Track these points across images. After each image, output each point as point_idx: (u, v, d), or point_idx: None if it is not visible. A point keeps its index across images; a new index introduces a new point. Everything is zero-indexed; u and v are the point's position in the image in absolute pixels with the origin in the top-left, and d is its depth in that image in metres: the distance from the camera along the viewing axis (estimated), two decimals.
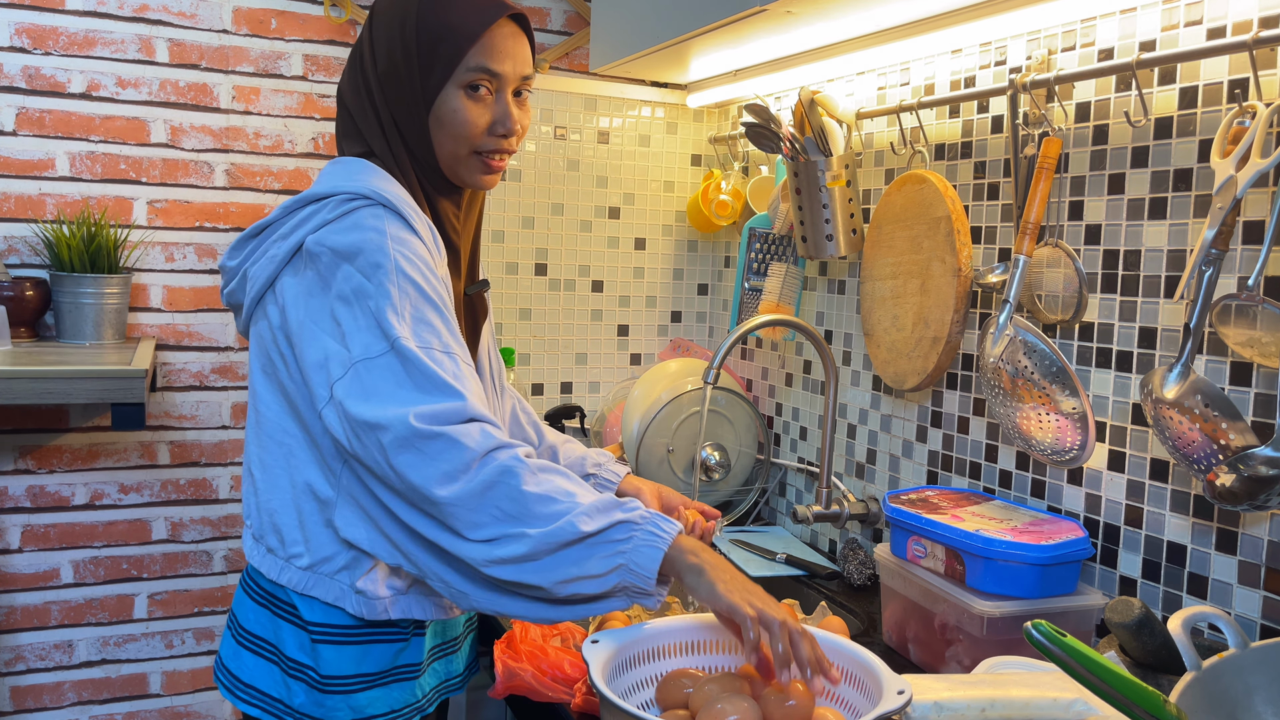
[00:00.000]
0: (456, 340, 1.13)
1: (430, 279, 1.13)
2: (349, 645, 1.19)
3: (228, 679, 1.25)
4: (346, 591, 1.17)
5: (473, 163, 1.22)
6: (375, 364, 1.07)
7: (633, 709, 0.89)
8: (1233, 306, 1.15)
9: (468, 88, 1.19)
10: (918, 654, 1.42)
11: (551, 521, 1.02)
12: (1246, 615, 1.21)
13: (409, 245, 1.13)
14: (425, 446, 1.03)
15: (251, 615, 1.24)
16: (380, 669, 1.21)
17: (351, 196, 1.15)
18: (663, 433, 2.08)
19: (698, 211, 2.39)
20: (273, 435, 1.20)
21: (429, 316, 1.11)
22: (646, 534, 1.03)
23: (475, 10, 1.18)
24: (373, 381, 1.06)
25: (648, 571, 1.02)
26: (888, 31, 1.64)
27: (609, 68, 2.04)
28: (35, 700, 2.10)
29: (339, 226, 1.13)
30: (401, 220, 1.14)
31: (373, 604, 1.17)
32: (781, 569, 1.86)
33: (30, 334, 1.98)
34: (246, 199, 2.18)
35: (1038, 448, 1.43)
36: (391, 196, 1.15)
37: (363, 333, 1.08)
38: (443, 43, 1.17)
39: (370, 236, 1.11)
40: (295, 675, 1.20)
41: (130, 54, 2.06)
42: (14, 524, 2.06)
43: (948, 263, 1.58)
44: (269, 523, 1.20)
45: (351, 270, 1.10)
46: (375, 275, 1.09)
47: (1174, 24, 1.29)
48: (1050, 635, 0.89)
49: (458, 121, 1.19)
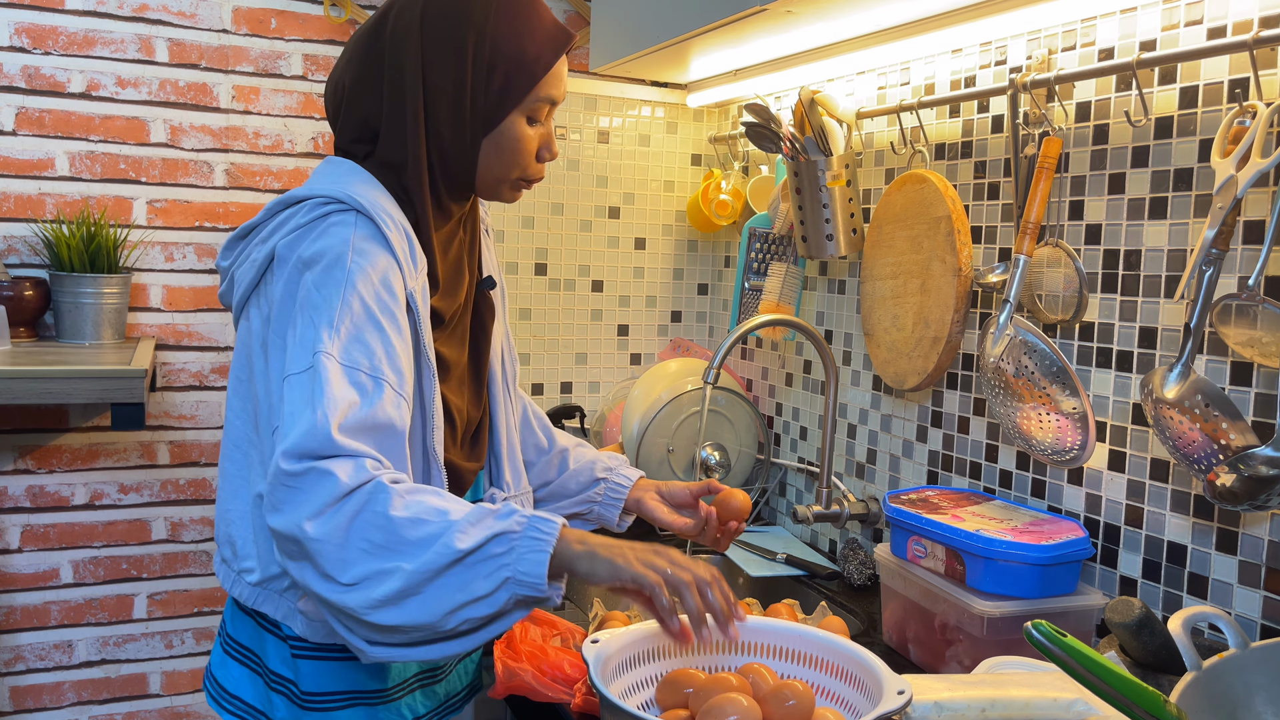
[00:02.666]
0: (394, 369, 1.06)
1: (384, 298, 1.07)
2: (325, 661, 1.16)
3: (215, 688, 1.24)
4: (292, 611, 1.14)
5: (517, 184, 1.22)
6: (296, 381, 1.02)
7: (633, 709, 0.89)
8: (1233, 306, 1.15)
9: (530, 116, 1.18)
10: (918, 654, 1.42)
11: (425, 547, 0.95)
12: (1246, 615, 1.21)
13: (370, 258, 1.07)
14: (297, 483, 0.96)
15: (240, 625, 1.22)
16: (356, 688, 1.18)
17: (326, 201, 1.11)
18: (663, 433, 2.08)
19: (698, 211, 2.39)
20: (235, 443, 1.17)
21: (367, 337, 1.05)
22: (528, 540, 0.97)
23: (549, 41, 1.17)
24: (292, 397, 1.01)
25: (536, 578, 0.96)
26: (888, 31, 1.64)
27: (609, 67, 2.04)
28: (35, 700, 2.10)
29: (308, 233, 1.09)
30: (373, 229, 1.10)
31: (315, 626, 1.13)
32: (781, 569, 1.86)
33: (30, 334, 1.98)
34: (246, 199, 2.18)
35: (1038, 448, 1.43)
36: (368, 203, 1.10)
37: (297, 346, 1.04)
38: (520, 72, 1.15)
39: (333, 245, 1.07)
40: (277, 689, 1.18)
41: (130, 54, 2.06)
42: (14, 524, 2.06)
43: (948, 262, 1.58)
44: (224, 532, 1.18)
45: (309, 278, 1.07)
46: (326, 287, 1.05)
47: (1174, 24, 1.28)
48: (1050, 635, 0.89)
49: (519, 149, 1.18)
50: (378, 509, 0.96)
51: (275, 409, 1.05)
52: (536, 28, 1.16)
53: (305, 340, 1.03)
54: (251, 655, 1.21)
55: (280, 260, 1.11)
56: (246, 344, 1.16)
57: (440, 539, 0.95)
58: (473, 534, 0.96)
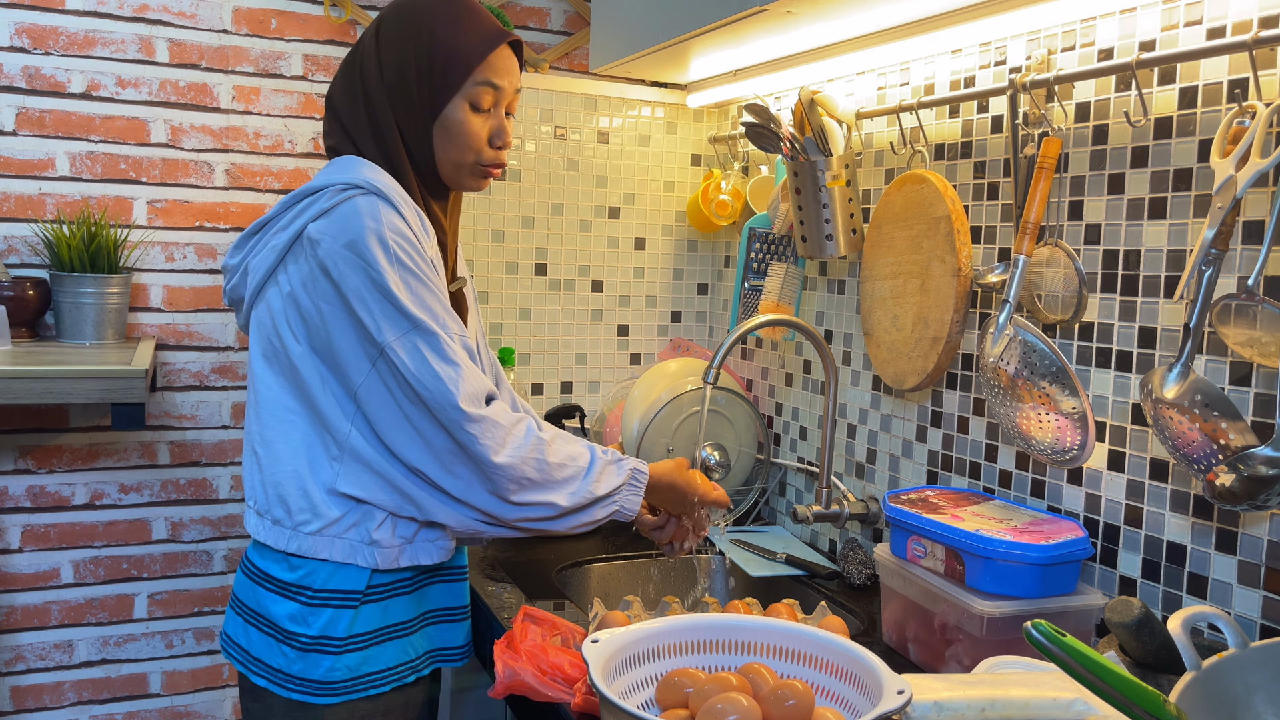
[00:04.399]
0: (452, 318, 1.27)
1: (423, 265, 1.25)
2: (342, 609, 1.29)
3: (238, 653, 1.35)
4: (358, 547, 1.28)
5: (474, 170, 1.35)
6: (403, 343, 1.21)
7: (633, 709, 0.89)
8: (1233, 306, 1.15)
9: (472, 102, 1.31)
10: (918, 654, 1.42)
11: (571, 487, 1.28)
12: (1246, 615, 1.21)
13: (402, 232, 1.23)
14: (474, 428, 1.21)
15: (249, 591, 1.34)
16: (371, 628, 1.31)
17: (346, 186, 1.24)
18: (663, 432, 2.08)
19: (698, 211, 2.39)
20: (274, 413, 1.30)
21: (427, 300, 1.24)
22: (631, 486, 1.34)
23: (483, 35, 1.32)
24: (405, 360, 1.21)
25: (631, 512, 1.34)
26: (888, 31, 1.64)
27: (609, 68, 2.05)
28: (35, 700, 2.10)
29: (336, 214, 1.23)
30: (393, 208, 1.24)
31: (386, 553, 1.29)
32: (781, 569, 1.86)
33: (30, 334, 1.98)
34: (246, 199, 2.18)
35: (1038, 448, 1.43)
36: (383, 185, 1.25)
37: (378, 317, 1.21)
38: (456, 60, 1.30)
39: (367, 223, 1.21)
40: (289, 643, 1.29)
41: (130, 54, 2.06)
42: (14, 524, 2.06)
43: (948, 263, 1.58)
44: (274, 495, 1.29)
45: (353, 256, 1.21)
46: (376, 262, 1.21)
47: (1174, 24, 1.29)
48: (1050, 635, 0.89)
49: (464, 132, 1.32)
50: (539, 454, 1.26)
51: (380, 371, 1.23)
52: (473, 27, 1.31)
53: (385, 310, 1.21)
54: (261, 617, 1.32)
55: (312, 242, 1.23)
56: (269, 322, 1.29)
57: (583, 481, 1.29)
58: (604, 482, 1.31)
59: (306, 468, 1.28)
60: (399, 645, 1.34)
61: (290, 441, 1.29)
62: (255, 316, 1.32)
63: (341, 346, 1.23)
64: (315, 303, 1.24)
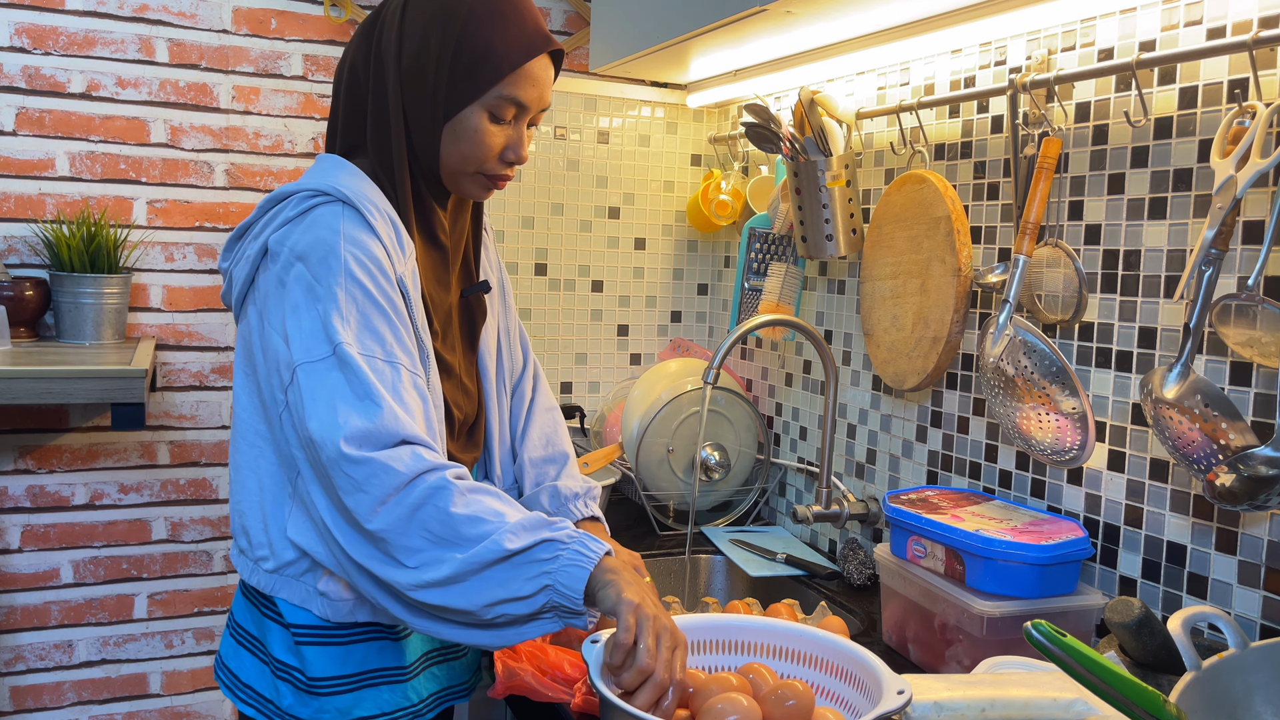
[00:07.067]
0: (404, 350, 1.11)
1: (382, 284, 1.11)
2: (331, 646, 1.19)
3: (228, 677, 1.26)
4: (311, 594, 1.17)
5: (477, 179, 1.22)
6: (315, 368, 1.05)
7: (633, 709, 0.89)
8: (1233, 306, 1.15)
9: (492, 112, 1.17)
10: (918, 654, 1.42)
11: (477, 542, 1.01)
12: (1246, 615, 1.21)
13: (363, 246, 1.10)
14: (355, 471, 1.02)
15: (245, 614, 1.25)
16: (364, 669, 1.20)
17: (313, 194, 1.13)
18: (663, 433, 2.08)
19: (698, 211, 2.39)
20: (245, 435, 1.19)
21: (375, 323, 1.09)
22: (572, 553, 1.01)
23: (522, 39, 1.16)
24: (311, 387, 1.05)
25: (574, 592, 1.00)
26: (888, 31, 1.64)
27: (609, 68, 2.04)
28: (35, 700, 2.10)
29: (298, 225, 1.12)
30: (359, 219, 1.12)
31: (337, 605, 1.16)
32: (781, 569, 1.86)
33: (30, 334, 1.98)
34: (246, 199, 2.18)
35: (1038, 448, 1.43)
36: (352, 193, 1.13)
37: (307, 336, 1.07)
38: (484, 63, 1.15)
39: (324, 235, 1.10)
40: (282, 676, 1.20)
41: (130, 54, 2.06)
42: (14, 524, 2.06)
43: (948, 263, 1.58)
44: (239, 523, 1.20)
45: (304, 270, 1.09)
46: (325, 277, 1.08)
47: (1174, 24, 1.29)
48: (1050, 635, 0.89)
49: (476, 142, 1.18)
50: (440, 504, 1.02)
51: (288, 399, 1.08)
52: (512, 28, 1.16)
53: (314, 331, 1.07)
54: (257, 643, 1.23)
55: (272, 254, 1.13)
56: (248, 339, 1.18)
57: (492, 536, 1.01)
58: (523, 537, 1.01)
59: (268, 499, 1.17)
60: (396, 690, 1.22)
61: (257, 470, 1.18)
62: (239, 330, 1.22)
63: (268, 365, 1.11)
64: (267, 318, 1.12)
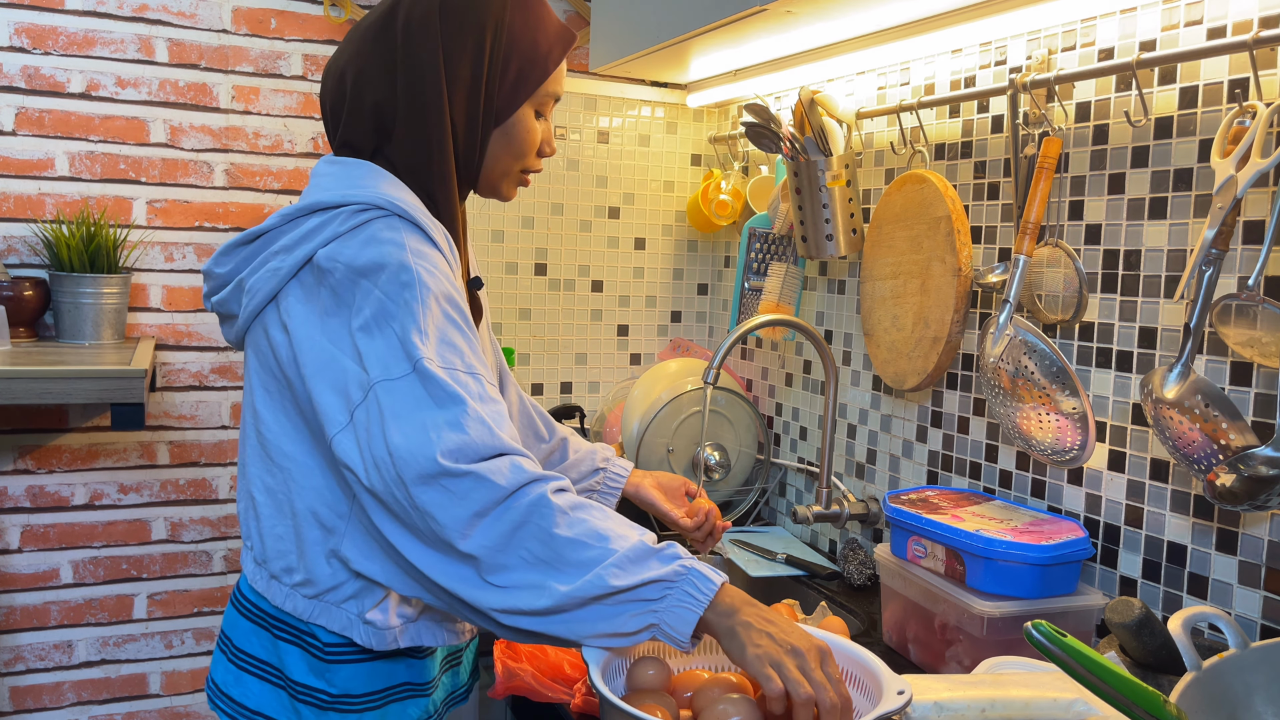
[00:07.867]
0: (480, 361, 1.07)
1: (453, 295, 1.08)
2: (362, 664, 1.16)
3: (228, 705, 1.20)
4: (354, 621, 1.13)
5: (516, 178, 1.24)
6: (396, 386, 1.00)
7: (633, 709, 0.89)
8: (1233, 306, 1.15)
9: (538, 109, 1.21)
10: (918, 654, 1.42)
11: (581, 573, 0.95)
12: (1246, 615, 1.21)
13: (429, 260, 1.07)
14: (454, 485, 0.96)
15: (251, 638, 1.19)
16: (392, 684, 1.18)
17: (364, 207, 1.08)
18: (663, 433, 2.08)
19: (698, 211, 2.39)
20: (276, 460, 1.14)
21: (452, 336, 1.05)
22: (682, 594, 0.95)
23: (558, 36, 1.21)
24: (393, 405, 1.00)
25: (681, 635, 0.95)
26: (888, 31, 1.64)
27: (609, 67, 2.04)
28: (35, 700, 2.10)
29: (354, 240, 1.07)
30: (419, 232, 1.09)
31: (382, 634, 1.13)
32: (781, 569, 1.86)
33: (30, 334, 1.98)
34: (246, 199, 2.18)
35: (1038, 448, 1.43)
36: (407, 206, 1.09)
37: (383, 354, 1.02)
38: (533, 65, 1.18)
39: (390, 251, 1.05)
40: (303, 699, 1.16)
41: (130, 54, 2.06)
42: (14, 524, 2.06)
43: (948, 263, 1.58)
44: (274, 549, 1.15)
45: (371, 288, 1.04)
46: (399, 294, 1.04)
47: (1174, 24, 1.29)
48: (1050, 635, 0.89)
49: (528, 140, 1.20)
50: (543, 524, 0.96)
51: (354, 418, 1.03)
52: (547, 24, 1.20)
53: (391, 348, 1.02)
54: (269, 668, 1.18)
55: (322, 270, 1.07)
56: (272, 355, 1.12)
57: (596, 569, 0.95)
58: (631, 572, 0.95)
59: (305, 525, 1.12)
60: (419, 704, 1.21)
61: (288, 494, 1.13)
62: (253, 342, 1.16)
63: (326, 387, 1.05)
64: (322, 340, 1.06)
